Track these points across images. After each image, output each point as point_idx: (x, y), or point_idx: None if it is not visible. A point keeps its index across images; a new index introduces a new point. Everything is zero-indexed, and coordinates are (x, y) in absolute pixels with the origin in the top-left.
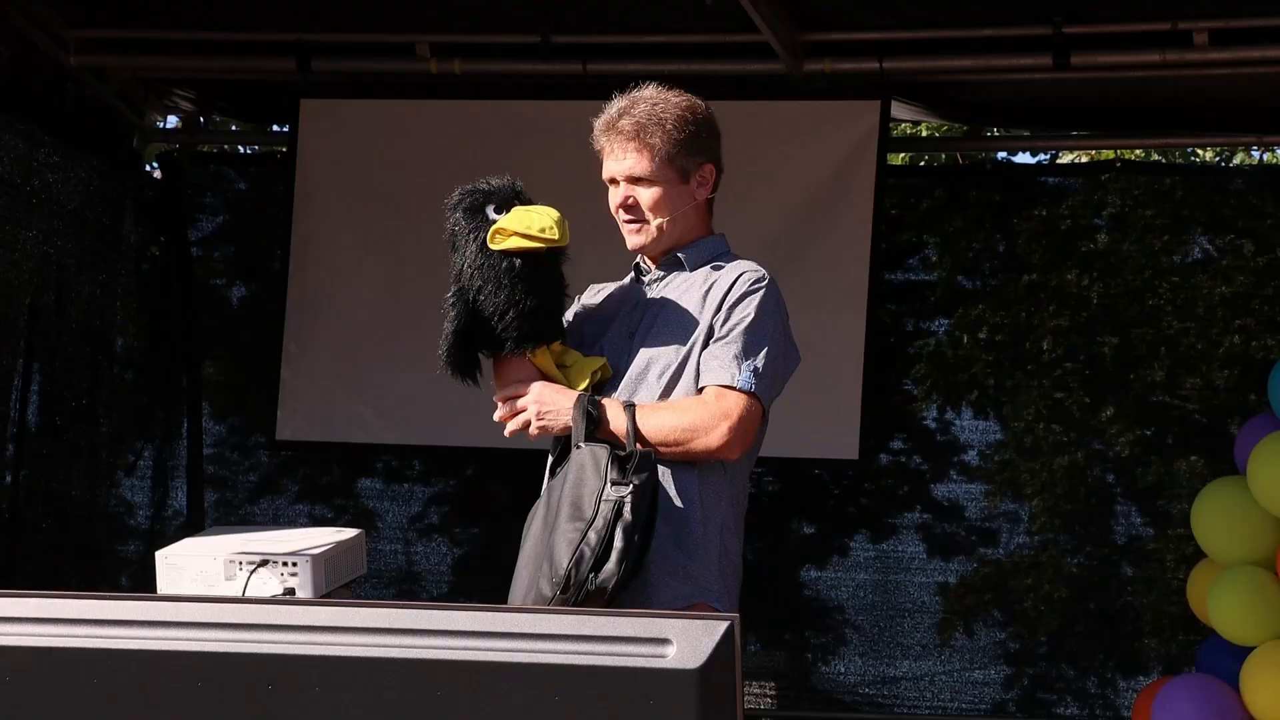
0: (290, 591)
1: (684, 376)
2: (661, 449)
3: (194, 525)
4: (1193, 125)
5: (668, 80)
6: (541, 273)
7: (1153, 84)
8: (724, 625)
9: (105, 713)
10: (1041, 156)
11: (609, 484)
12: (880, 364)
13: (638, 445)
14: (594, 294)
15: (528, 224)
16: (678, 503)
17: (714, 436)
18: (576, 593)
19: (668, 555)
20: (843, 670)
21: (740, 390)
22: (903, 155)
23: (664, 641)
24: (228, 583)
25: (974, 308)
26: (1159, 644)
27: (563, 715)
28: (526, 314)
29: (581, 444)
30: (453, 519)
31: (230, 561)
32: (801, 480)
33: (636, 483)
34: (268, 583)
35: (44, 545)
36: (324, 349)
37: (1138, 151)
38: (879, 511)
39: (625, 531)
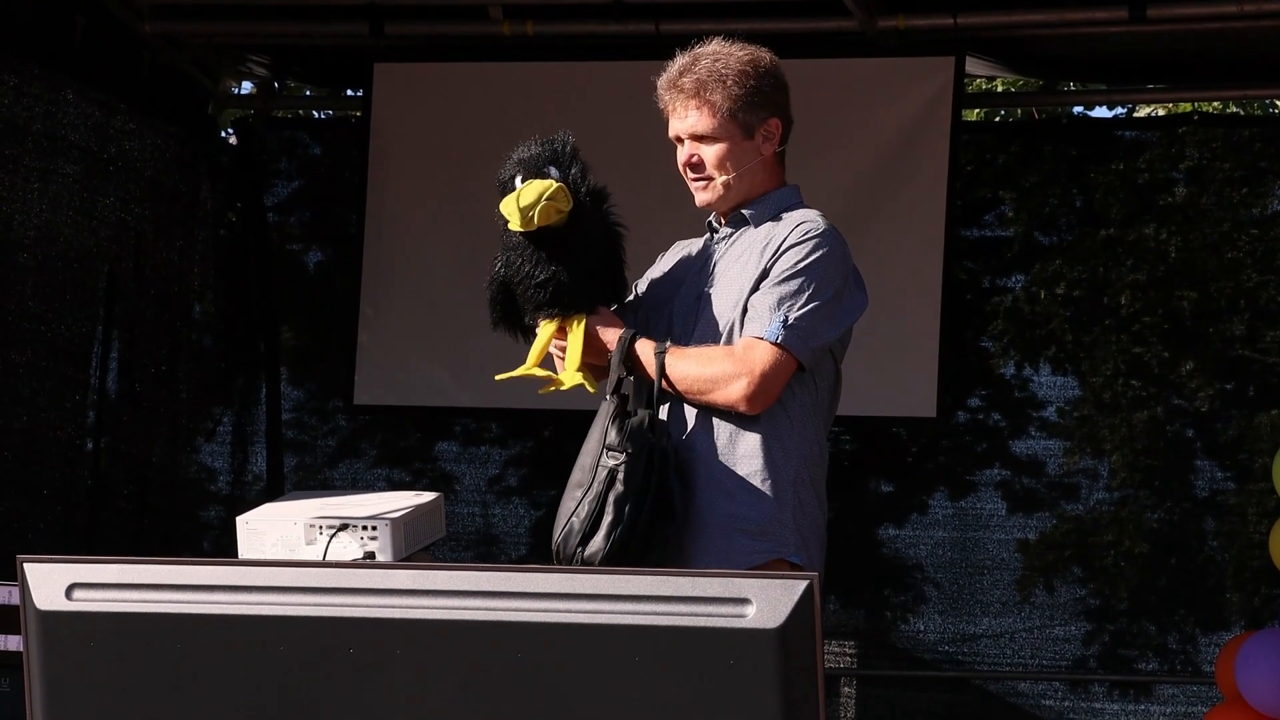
0: (370, 555)
1: (735, 335)
2: (687, 396)
3: (274, 490)
4: (1271, 76)
5: (741, 39)
6: (553, 245)
7: (1230, 35)
8: (803, 584)
9: (187, 677)
10: (1118, 110)
11: (605, 450)
12: (957, 321)
13: (664, 386)
14: (675, 253)
15: (506, 208)
16: (744, 458)
17: (733, 390)
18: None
19: (737, 513)
20: (922, 628)
21: (768, 341)
22: (977, 111)
23: (743, 601)
24: (308, 547)
25: (1051, 263)
26: (1241, 598)
27: (642, 676)
28: (538, 284)
29: (608, 395)
30: (531, 481)
31: (311, 526)
32: (879, 438)
33: (630, 451)
34: (348, 547)
35: (125, 511)
36: (400, 313)
37: (1215, 104)
38: (958, 469)
39: (616, 503)
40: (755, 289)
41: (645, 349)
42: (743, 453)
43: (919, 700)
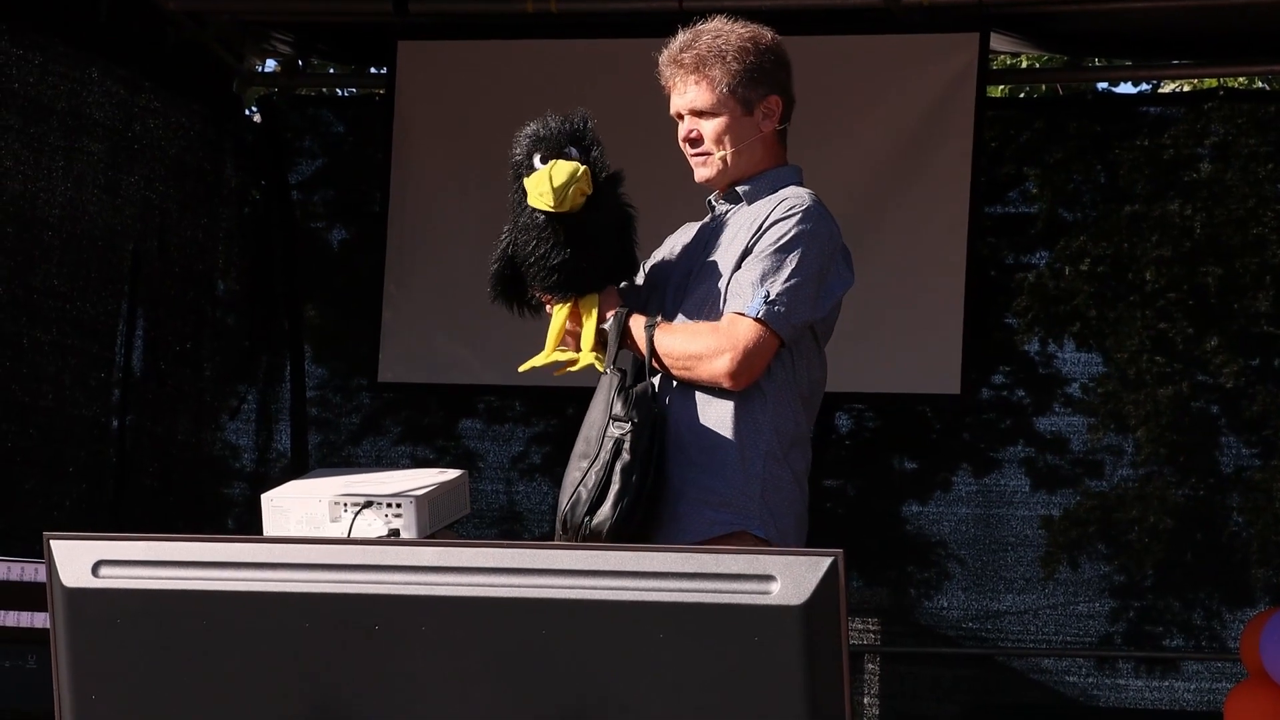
0: (395, 532)
1: (719, 311)
2: (673, 371)
3: (298, 468)
4: None
5: (766, 15)
6: (573, 229)
7: (1256, 10)
8: (828, 561)
9: (212, 653)
10: (1143, 86)
11: (611, 420)
12: (981, 298)
13: (654, 362)
14: (680, 233)
15: (536, 186)
16: (713, 429)
17: (718, 365)
18: (574, 535)
19: (702, 484)
20: (946, 605)
21: (750, 318)
22: (1002, 87)
23: (768, 578)
24: (333, 524)
25: (1075, 239)
26: (1266, 574)
27: (667, 652)
28: (551, 268)
29: (609, 368)
30: (554, 459)
31: (335, 503)
32: (903, 415)
33: (635, 420)
34: (372, 524)
35: (150, 489)
36: (424, 290)
37: (1241, 79)
38: (982, 446)
39: (623, 472)
40: (739, 265)
41: (637, 325)
42: (711, 424)
43: (943, 677)
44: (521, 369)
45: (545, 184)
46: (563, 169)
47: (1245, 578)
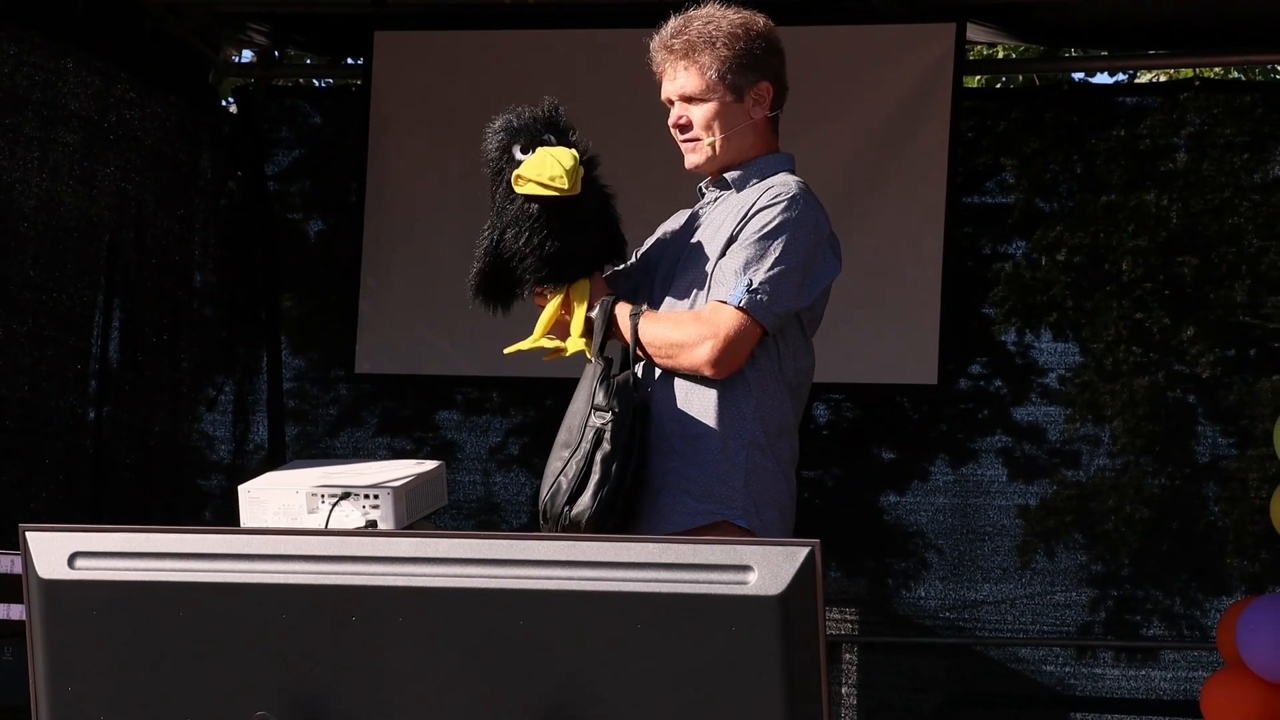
0: (372, 523)
1: (702, 300)
2: (656, 359)
3: (275, 459)
4: (1273, 42)
5: (742, 5)
6: (566, 215)
7: (1232, 0)
8: (805, 551)
9: (189, 645)
10: (1119, 76)
11: (592, 410)
12: (958, 288)
13: (638, 350)
14: (672, 221)
15: (541, 171)
16: (696, 418)
17: (699, 353)
18: (554, 525)
19: (684, 473)
20: (924, 595)
21: (732, 306)
22: (979, 78)
23: (745, 568)
24: (310, 516)
25: (1052, 229)
26: (1242, 564)
27: (644, 643)
28: (545, 258)
29: (595, 357)
30: (532, 450)
31: (312, 495)
32: (881, 406)
33: (616, 410)
34: (350, 515)
35: (128, 480)
36: (402, 282)
37: (1217, 69)
38: (959, 436)
39: (603, 462)
40: (724, 253)
41: (622, 313)
42: (694, 413)
43: (920, 666)
44: (507, 351)
45: (554, 168)
46: (565, 153)
47: (1222, 567)
